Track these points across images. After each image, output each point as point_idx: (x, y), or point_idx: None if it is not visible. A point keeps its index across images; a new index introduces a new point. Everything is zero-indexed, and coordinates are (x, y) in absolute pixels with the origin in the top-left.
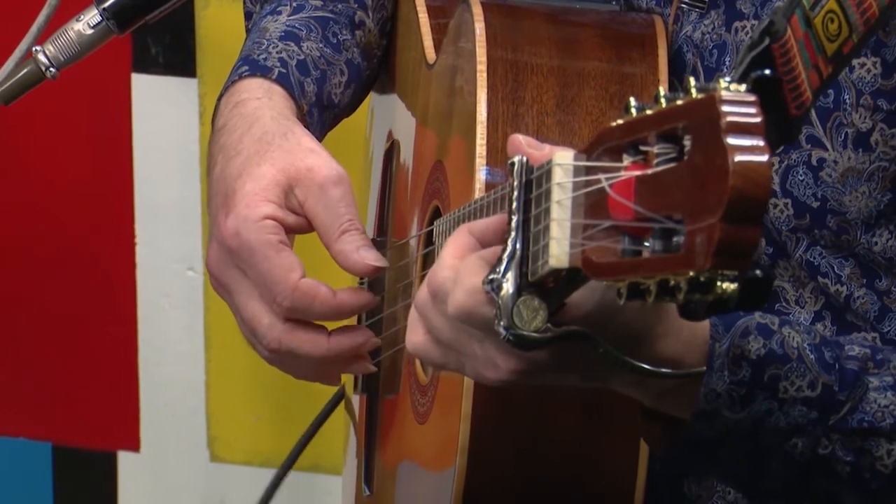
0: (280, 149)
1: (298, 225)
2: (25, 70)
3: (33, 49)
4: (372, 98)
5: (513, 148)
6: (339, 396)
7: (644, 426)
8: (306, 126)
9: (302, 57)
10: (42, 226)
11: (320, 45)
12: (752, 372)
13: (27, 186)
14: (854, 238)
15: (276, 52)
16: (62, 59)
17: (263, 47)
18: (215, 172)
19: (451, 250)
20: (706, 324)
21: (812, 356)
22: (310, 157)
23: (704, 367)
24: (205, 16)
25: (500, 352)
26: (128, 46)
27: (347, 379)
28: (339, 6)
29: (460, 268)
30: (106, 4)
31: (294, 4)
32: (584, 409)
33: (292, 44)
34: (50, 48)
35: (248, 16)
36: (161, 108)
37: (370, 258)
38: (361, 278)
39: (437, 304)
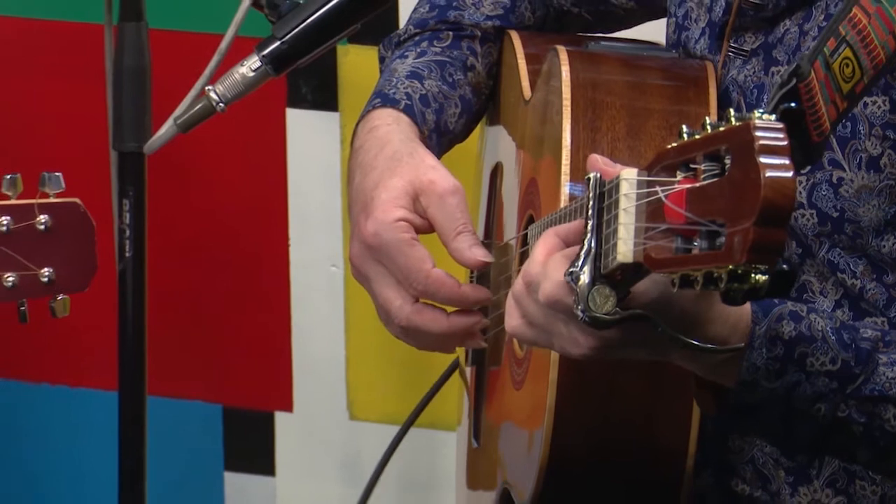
0: (407, 165)
1: (423, 227)
2: (200, 105)
3: (206, 88)
4: (482, 127)
5: (591, 166)
6: (454, 367)
7: (698, 393)
8: (428, 148)
9: (424, 92)
10: (215, 230)
11: (439, 83)
12: (785, 350)
13: (203, 198)
14: (867, 242)
15: (403, 88)
16: (229, 96)
17: (393, 84)
18: (354, 184)
19: (540, 250)
20: (748, 311)
21: (833, 337)
22: (431, 172)
23: (743, 344)
24: (345, 61)
25: (580, 332)
26: (283, 86)
27: (461, 353)
28: (455, 52)
29: (548, 264)
30: (265, 52)
31: (418, 50)
32: (647, 379)
33: (416, 81)
34: (219, 87)
35: (381, 60)
36: (309, 136)
37: (480, 254)
38: (472, 271)
39: (530, 294)
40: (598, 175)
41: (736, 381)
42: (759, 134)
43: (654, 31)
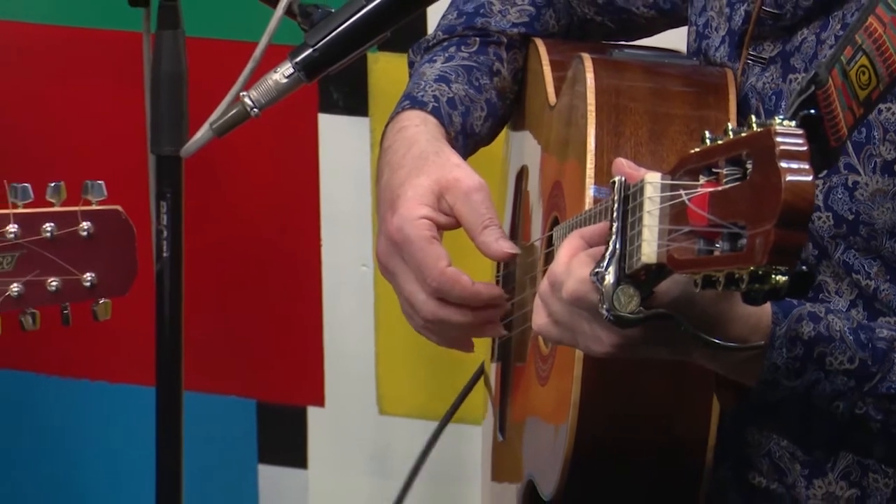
0: (434, 164)
1: (448, 223)
2: (235, 110)
3: (241, 94)
4: (506, 132)
5: (615, 169)
6: (480, 370)
7: (719, 391)
8: (454, 148)
9: (451, 95)
10: (250, 231)
11: (466, 87)
12: (805, 350)
13: (237, 201)
14: (881, 243)
15: (431, 91)
16: (263, 101)
17: (421, 87)
18: (382, 182)
19: (565, 250)
20: (768, 312)
21: (850, 337)
22: (456, 170)
23: (763, 342)
24: (375, 68)
25: (603, 330)
26: (315, 92)
27: (487, 350)
28: (482, 58)
29: (572, 263)
30: (298, 59)
31: (446, 55)
32: (669, 375)
33: (444, 85)
34: (254, 93)
35: (410, 64)
36: (340, 141)
37: (506, 247)
38: (498, 270)
39: (555, 293)
40: (623, 178)
41: (757, 380)
42: (779, 139)
43: (675, 39)
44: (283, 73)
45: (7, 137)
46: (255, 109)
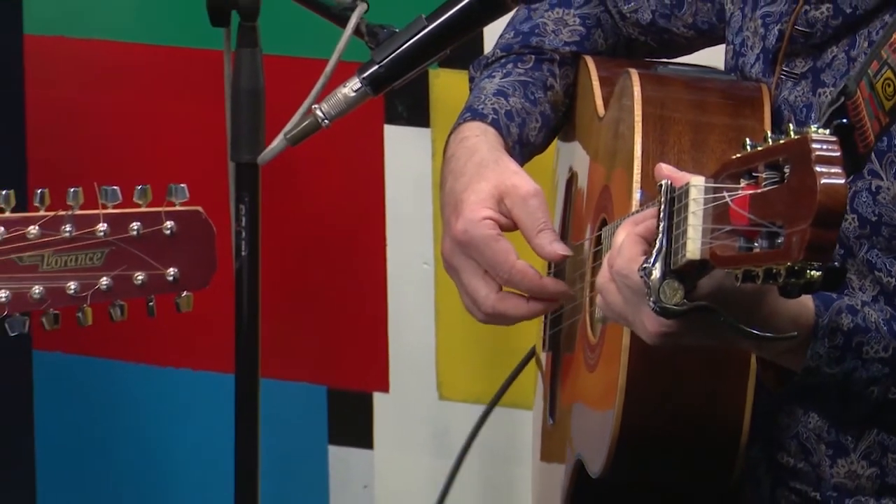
0: (493, 171)
1: (507, 225)
2: (307, 122)
3: (313, 107)
4: (558, 142)
5: (660, 174)
6: (530, 355)
7: (764, 373)
8: (512, 157)
9: (509, 108)
10: (321, 232)
11: (522, 100)
12: (844, 340)
13: (310, 204)
14: None
15: (490, 104)
16: (333, 113)
17: (481, 100)
18: (446, 188)
19: (618, 234)
20: (809, 306)
21: (885, 328)
22: (514, 177)
23: (795, 333)
24: (436, 83)
25: (648, 318)
26: (380, 105)
27: (538, 341)
28: (536, 74)
29: (624, 243)
30: (365, 75)
31: (504, 71)
32: (708, 363)
33: (502, 98)
34: (324, 106)
35: (471, 80)
36: (404, 150)
37: (559, 249)
38: (549, 268)
39: (612, 277)
40: (670, 182)
41: (801, 367)
42: (815, 146)
43: (713, 56)
44: (351, 87)
45: (99, 146)
46: (325, 121)
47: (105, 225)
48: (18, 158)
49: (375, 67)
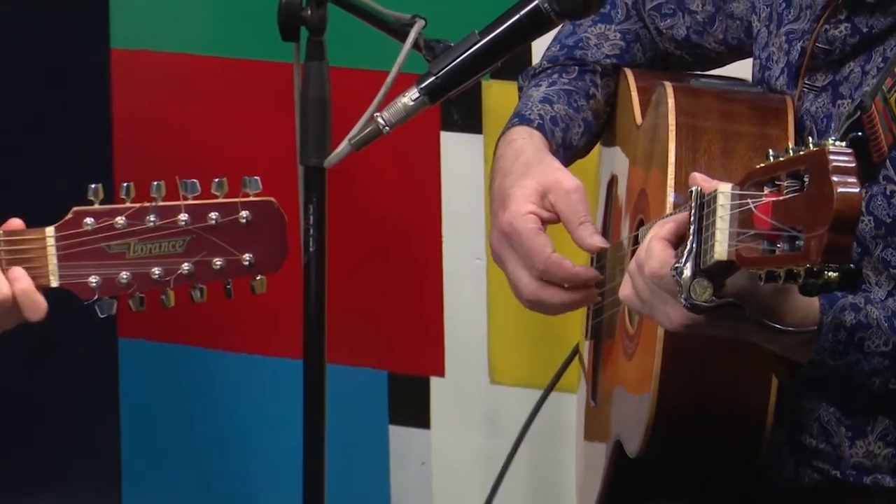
0: (538, 169)
1: (550, 218)
2: (370, 128)
3: (375, 115)
4: (600, 147)
5: (692, 181)
6: (576, 350)
7: (776, 366)
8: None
9: (554, 114)
10: (383, 229)
11: (566, 108)
12: (847, 335)
13: (372, 204)
14: None
15: (537, 110)
16: (393, 121)
17: (529, 107)
18: (495, 185)
19: (649, 237)
20: (816, 303)
21: (886, 325)
22: (558, 173)
23: (815, 327)
24: (488, 93)
25: (673, 310)
26: (437, 113)
27: (580, 332)
28: (580, 84)
29: (653, 246)
30: (422, 85)
31: (549, 81)
32: (735, 352)
33: (548, 105)
34: (386, 114)
35: (519, 88)
36: (458, 154)
37: (598, 241)
38: (591, 263)
39: (640, 271)
40: (699, 189)
41: (808, 360)
42: (832, 157)
43: (741, 69)
44: (410, 97)
45: (179, 150)
46: (386, 128)
47: (186, 215)
48: (106, 157)
49: (432, 79)
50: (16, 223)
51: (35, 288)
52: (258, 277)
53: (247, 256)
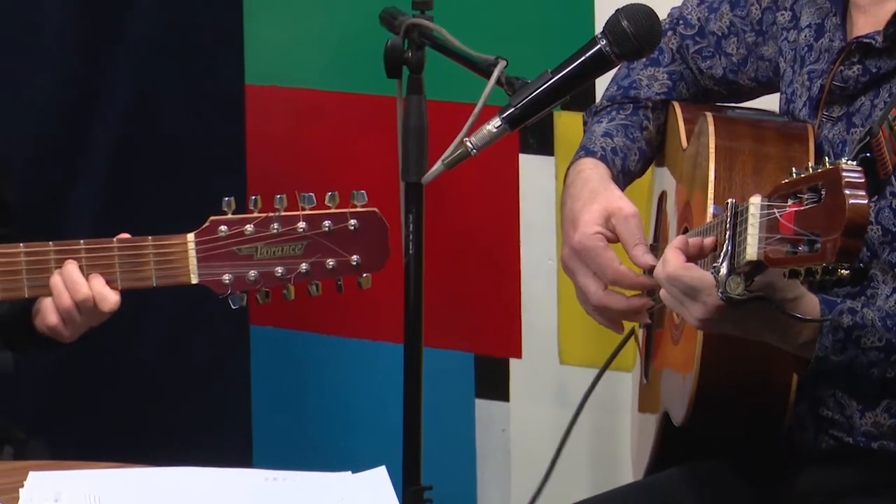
0: (602, 196)
1: (611, 238)
2: (460, 151)
3: (464, 139)
4: (653, 167)
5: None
6: (631, 333)
7: (792, 362)
8: (617, 184)
9: (614, 146)
10: (471, 236)
11: (624, 139)
12: (845, 334)
13: (461, 215)
14: None
15: (600, 143)
16: (480, 144)
17: (592, 141)
18: (566, 209)
19: (668, 247)
20: (818, 307)
21: (879, 324)
22: (619, 201)
23: (830, 317)
24: (559, 122)
25: (694, 307)
26: (516, 138)
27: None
28: (634, 118)
29: (668, 255)
30: (504, 115)
31: (609, 117)
32: (763, 342)
33: (608, 139)
34: (473, 139)
35: (584, 123)
36: (534, 173)
37: (649, 259)
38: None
39: (661, 277)
40: (734, 201)
41: (813, 356)
42: (845, 174)
43: (770, 102)
44: (493, 125)
45: (300, 170)
46: (474, 150)
47: (304, 223)
48: (240, 177)
49: (512, 110)
50: (125, 237)
51: (106, 283)
52: (364, 275)
53: (354, 258)
